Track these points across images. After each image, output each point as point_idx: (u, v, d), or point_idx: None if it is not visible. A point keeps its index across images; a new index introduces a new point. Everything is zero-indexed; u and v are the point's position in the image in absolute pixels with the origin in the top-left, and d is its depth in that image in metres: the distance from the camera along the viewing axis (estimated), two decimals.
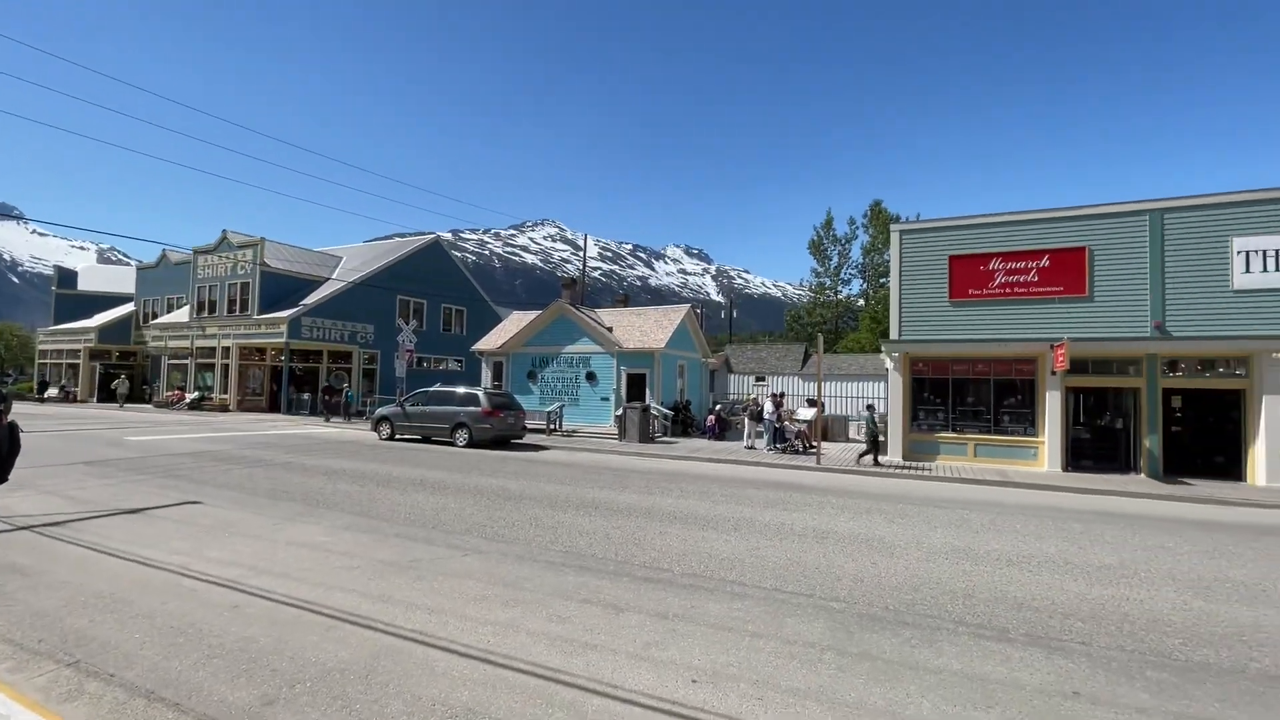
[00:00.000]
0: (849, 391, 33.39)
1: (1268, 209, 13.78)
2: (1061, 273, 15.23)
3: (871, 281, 51.62)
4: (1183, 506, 11.18)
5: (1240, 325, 13.74)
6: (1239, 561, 7.22)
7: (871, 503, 10.42)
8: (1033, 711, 3.66)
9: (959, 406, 16.43)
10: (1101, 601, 5.64)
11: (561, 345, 23.66)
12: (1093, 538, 8.23)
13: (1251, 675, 4.23)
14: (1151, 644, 4.71)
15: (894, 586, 5.93)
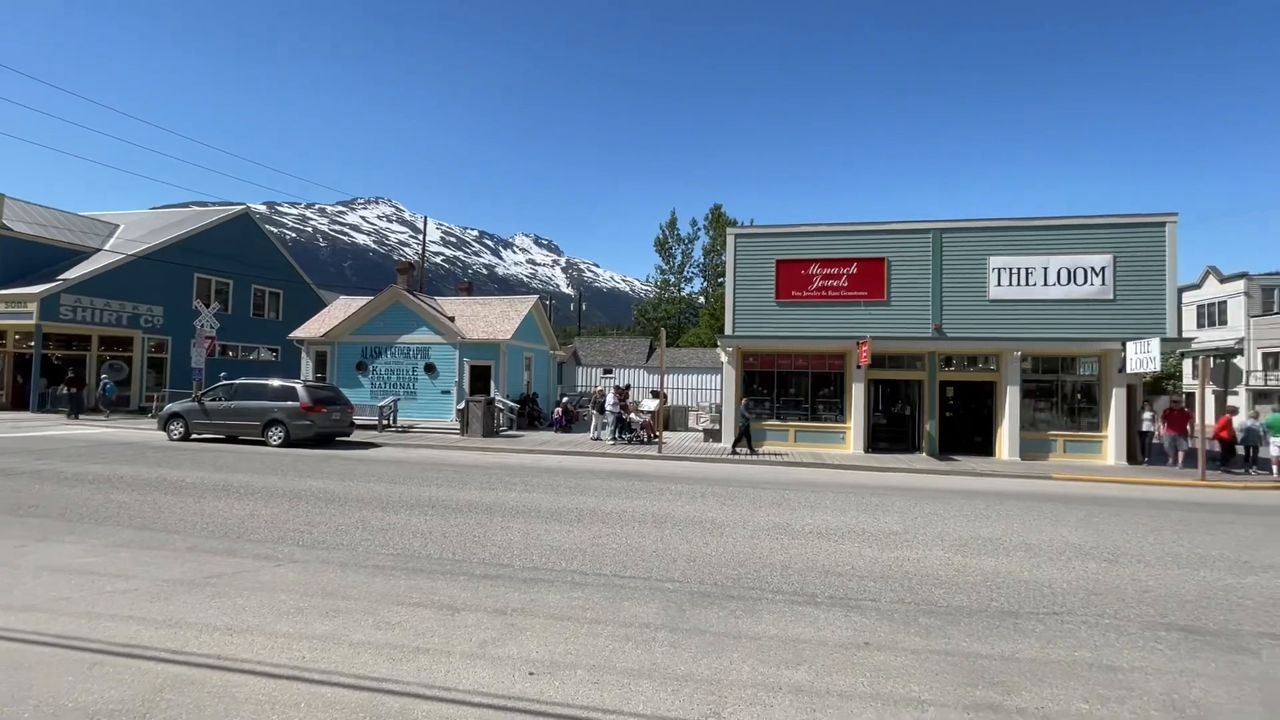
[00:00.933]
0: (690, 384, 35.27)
1: (1014, 234, 16.95)
2: (866, 280, 17.42)
3: (711, 280, 54.93)
4: (952, 479, 13.39)
5: (993, 328, 16.76)
6: (987, 522, 8.82)
7: (706, 487, 11.12)
8: (833, 664, 4.16)
9: (783, 397, 18.12)
10: (889, 563, 6.56)
11: (397, 334, 22.12)
12: (885, 509, 9.55)
13: (992, 613, 5.19)
14: (924, 595, 5.58)
15: (723, 564, 6.39)
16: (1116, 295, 16.35)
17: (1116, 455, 16.05)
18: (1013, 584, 5.97)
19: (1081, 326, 16.45)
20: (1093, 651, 4.46)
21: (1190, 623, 5.08)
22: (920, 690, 3.84)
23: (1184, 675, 4.14)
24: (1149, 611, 5.31)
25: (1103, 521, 9.08)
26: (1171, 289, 16.32)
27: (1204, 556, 7.20)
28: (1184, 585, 6.07)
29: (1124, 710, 3.66)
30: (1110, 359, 16.24)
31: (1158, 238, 16.33)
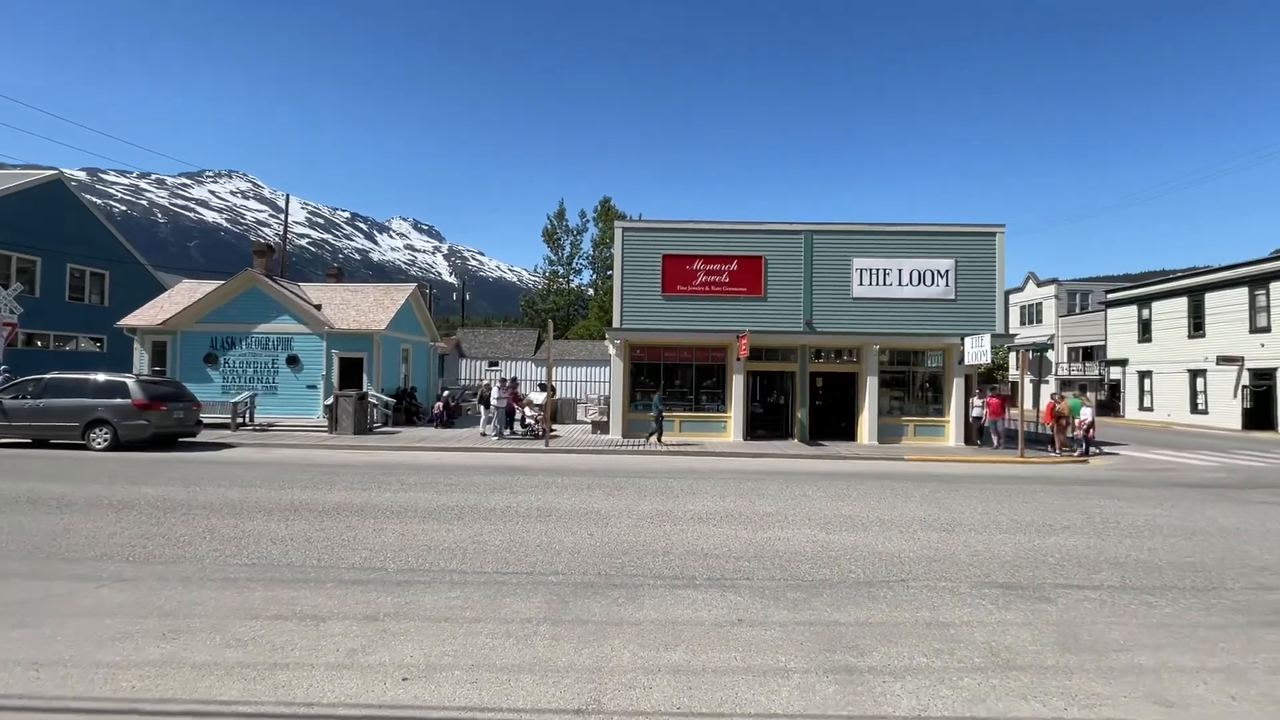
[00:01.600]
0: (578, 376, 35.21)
1: (874, 238, 18.56)
2: (746, 276, 18.30)
3: (600, 273, 55.09)
4: (820, 463, 14.48)
5: (856, 324, 18.29)
6: (848, 501, 9.64)
7: (593, 479, 11.18)
8: (709, 642, 4.36)
9: (669, 388, 18.62)
10: (762, 543, 6.98)
11: (254, 323, 20.07)
12: (760, 493, 10.14)
13: (850, 583, 5.69)
14: (792, 571, 6.00)
15: (607, 553, 6.46)
16: (958, 296, 18.46)
17: (956, 437, 18.18)
18: (868, 556, 6.58)
19: (929, 323, 18.40)
20: (931, 611, 5.03)
21: (1007, 580, 5.88)
22: (787, 660, 4.13)
23: (1001, 625, 4.78)
24: (976, 573, 6.08)
25: (943, 496, 10.24)
26: (1000, 291, 18.70)
27: (1019, 522, 8.36)
28: (1003, 548, 7.01)
29: (953, 660, 4.16)
30: (952, 352, 18.33)
31: (989, 246, 18.63)
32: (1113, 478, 12.99)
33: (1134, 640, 4.54)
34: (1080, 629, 4.73)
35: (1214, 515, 9.11)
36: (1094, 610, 5.13)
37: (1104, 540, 7.47)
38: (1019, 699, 3.68)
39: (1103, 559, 6.64)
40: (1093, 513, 9.10)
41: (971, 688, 3.80)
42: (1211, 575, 6.15)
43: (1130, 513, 9.18)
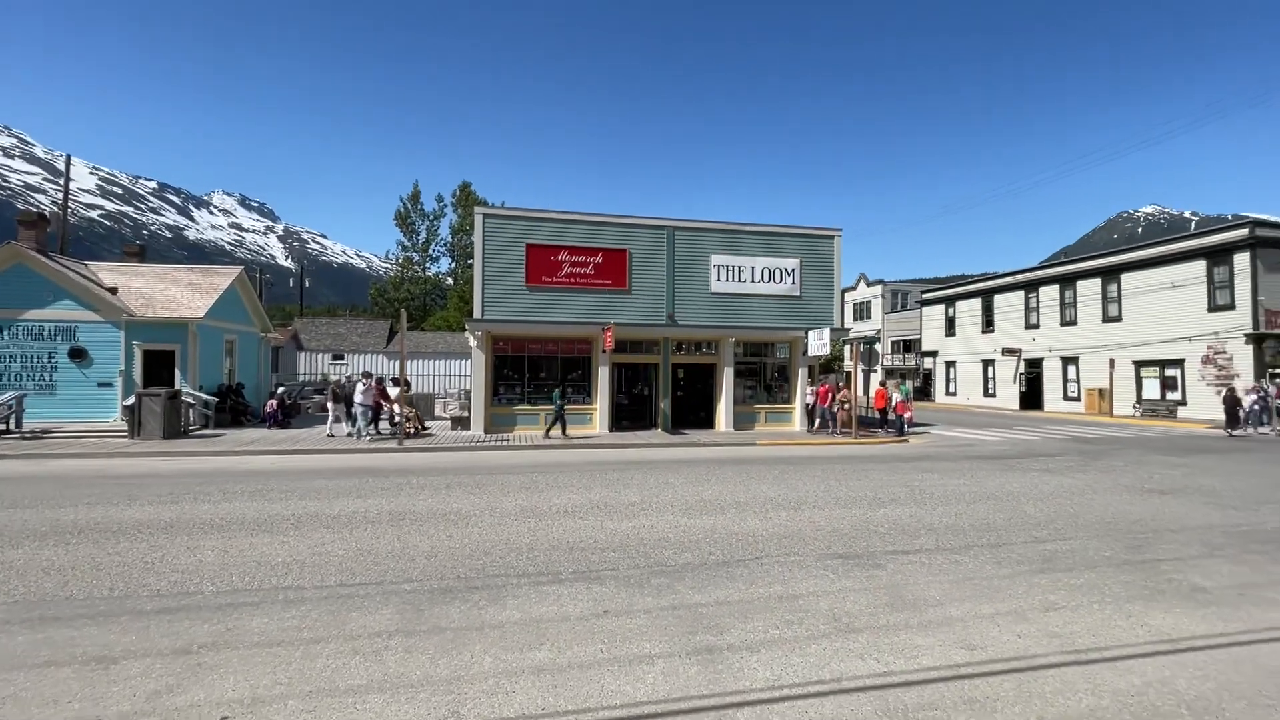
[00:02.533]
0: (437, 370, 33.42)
1: (730, 236, 19.56)
2: (611, 269, 18.42)
3: (460, 261, 52.62)
4: (681, 450, 15.00)
5: (715, 318, 19.18)
6: (708, 486, 10.07)
7: (453, 478, 10.62)
8: (574, 637, 4.28)
9: (534, 381, 18.25)
10: (627, 533, 7.04)
11: (21, 309, 16.57)
12: (625, 483, 10.26)
13: (711, 565, 5.91)
14: (657, 558, 6.11)
15: (468, 555, 6.14)
16: (802, 293, 20.06)
17: (801, 423, 19.79)
18: (727, 537, 6.90)
19: (779, 318, 19.80)
20: (783, 585, 5.38)
21: (846, 550, 6.46)
22: (651, 646, 4.17)
23: (841, 592, 5.23)
24: (820, 546, 6.61)
25: (791, 477, 11.07)
26: (838, 289, 20.62)
27: (855, 497, 9.26)
28: (842, 522, 7.71)
29: (802, 629, 4.47)
30: (797, 344, 19.89)
31: (829, 247, 20.46)
32: (927, 454, 14.90)
33: (947, 595, 5.19)
34: (905, 590, 5.31)
35: (1002, 482, 10.77)
36: (916, 572, 5.79)
37: (922, 509, 8.51)
38: (857, 659, 4.03)
39: (921, 526, 7.55)
40: (913, 485, 10.34)
41: (818, 654, 4.10)
42: (1001, 533, 7.23)
43: (941, 484, 10.56)
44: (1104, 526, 7.61)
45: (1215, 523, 7.85)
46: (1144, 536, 7.15)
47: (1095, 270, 30.23)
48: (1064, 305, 31.57)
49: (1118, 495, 9.63)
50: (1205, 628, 4.57)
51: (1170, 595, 5.23)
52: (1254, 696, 3.63)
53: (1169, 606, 4.98)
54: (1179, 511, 8.50)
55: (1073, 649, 4.20)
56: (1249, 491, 10.05)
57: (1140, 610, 4.89)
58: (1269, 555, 6.44)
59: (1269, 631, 4.52)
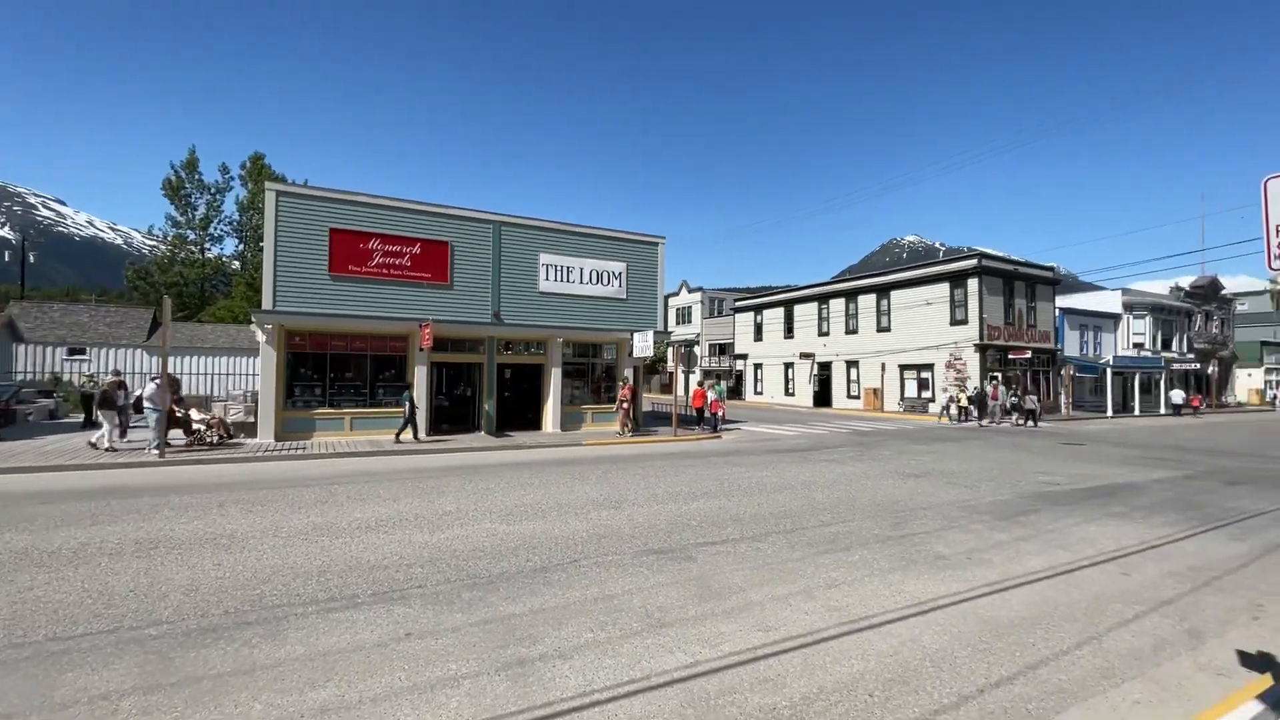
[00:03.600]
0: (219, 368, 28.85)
1: (559, 236, 19.47)
2: (430, 261, 17.28)
3: (251, 244, 45.87)
4: (506, 453, 14.54)
5: (543, 317, 18.94)
6: (530, 489, 9.84)
7: (229, 494, 9.12)
8: (368, 667, 3.83)
9: (338, 382, 16.45)
10: (439, 545, 6.57)
11: None
12: (441, 491, 9.63)
13: (528, 572, 5.72)
14: (470, 570, 5.77)
15: (239, 585, 5.26)
16: (629, 296, 20.64)
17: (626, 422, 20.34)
18: (546, 542, 6.75)
19: (606, 319, 20.15)
20: (599, 587, 5.37)
21: (661, 546, 6.68)
22: (458, 666, 3.89)
23: (655, 588, 5.37)
24: (637, 543, 6.76)
25: (614, 476, 11.26)
26: (661, 294, 21.57)
27: (671, 493, 9.67)
28: (659, 517, 7.98)
29: (616, 630, 4.48)
30: (624, 346, 20.41)
31: (653, 254, 21.32)
32: (737, 449, 16.16)
33: (749, 581, 5.58)
34: (713, 579, 5.61)
35: (797, 473, 12.02)
36: (723, 561, 6.16)
37: (730, 500, 9.14)
38: (667, 653, 4.14)
39: (728, 517, 8.09)
40: (723, 479, 11.10)
41: (630, 653, 4.13)
42: (795, 519, 8.02)
43: (748, 476, 11.48)
44: (875, 508, 8.81)
45: (953, 499, 9.51)
46: (903, 514, 8.41)
47: (871, 287, 35.35)
48: (848, 316, 36.46)
49: (885, 480, 11.26)
50: (944, 589, 5.45)
51: (920, 564, 6.18)
52: (975, 643, 4.38)
53: (919, 574, 5.87)
54: (928, 491, 10.16)
55: (848, 620, 4.73)
56: (975, 472, 12.37)
57: (899, 579, 5.70)
58: (987, 524, 7.93)
59: (985, 587, 5.53)
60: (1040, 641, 4.43)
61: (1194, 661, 4.21)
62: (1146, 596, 5.40)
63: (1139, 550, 6.84)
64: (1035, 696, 3.68)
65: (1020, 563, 6.28)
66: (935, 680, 3.84)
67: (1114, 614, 4.99)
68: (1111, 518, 8.44)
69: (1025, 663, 4.10)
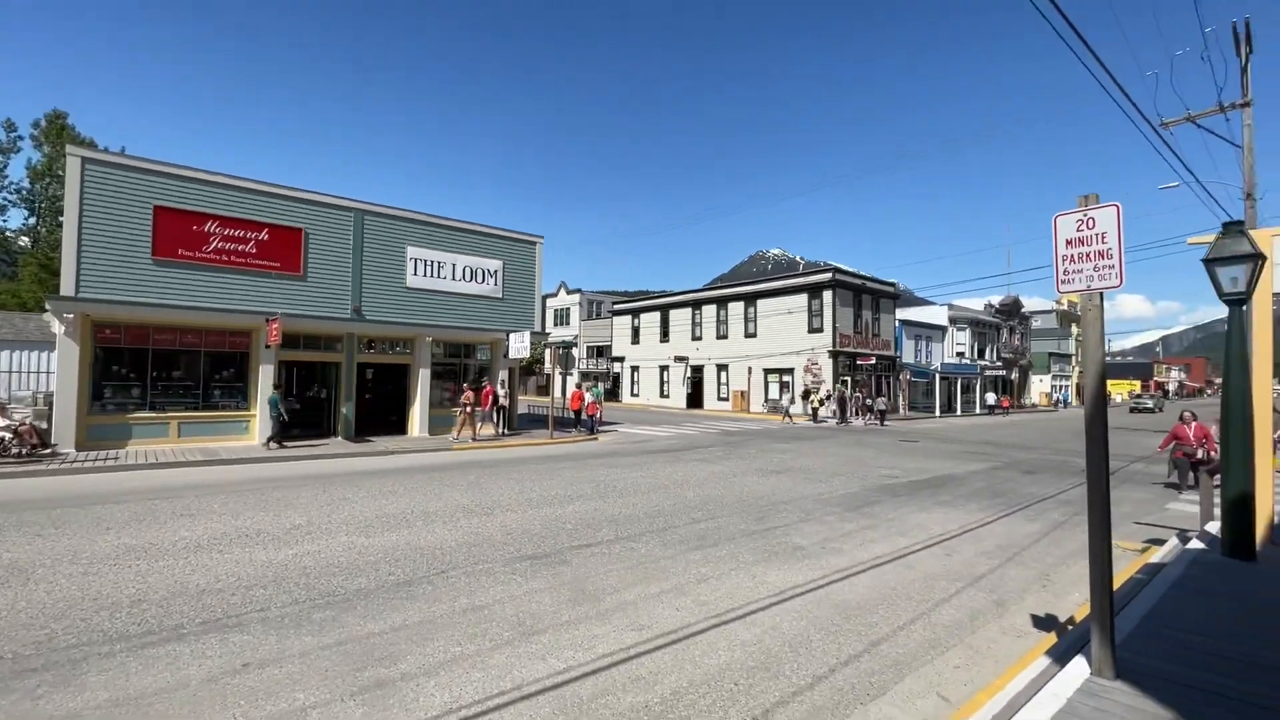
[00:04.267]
0: None
1: (429, 229, 18.50)
2: (280, 249, 15.65)
3: (47, 218, 38.74)
4: (366, 460, 13.50)
5: (410, 314, 17.87)
6: (394, 498, 9.21)
7: (14, 515, 7.59)
8: (194, 707, 3.35)
9: (163, 381, 14.37)
10: (285, 563, 5.93)
11: None
12: (289, 503, 8.72)
13: (389, 587, 5.33)
14: (323, 588, 5.26)
15: (24, 624, 4.39)
16: (505, 295, 20.08)
17: (502, 424, 19.76)
18: (410, 553, 6.34)
19: (480, 318, 19.43)
20: (469, 597, 5.14)
21: (535, 551, 6.53)
22: (306, 695, 3.52)
23: (528, 594, 5.23)
24: (510, 550, 6.56)
25: (487, 481, 10.87)
26: (539, 294, 21.23)
27: (546, 496, 9.52)
28: (533, 522, 7.82)
29: (485, 642, 4.30)
30: (499, 346, 19.81)
31: (531, 253, 20.94)
32: (613, 451, 16.30)
33: (623, 582, 5.62)
34: (587, 582, 5.58)
35: (670, 473, 12.36)
36: (598, 563, 6.16)
37: (605, 502, 9.18)
38: (539, 660, 4.04)
39: (604, 518, 8.12)
40: (599, 481, 11.13)
41: (501, 663, 3.98)
42: (668, 518, 8.22)
43: (623, 477, 11.60)
44: (740, 504, 9.28)
45: (809, 494, 10.28)
46: (766, 509, 8.93)
47: (740, 295, 37.38)
48: (719, 322, 38.26)
49: (750, 477, 11.91)
50: (802, 578, 5.86)
51: (781, 555, 6.59)
52: (828, 626, 4.74)
53: (780, 565, 6.26)
54: (788, 486, 10.89)
55: (716, 613, 4.92)
56: (828, 468, 13.47)
57: (762, 571, 6.03)
58: (838, 515, 8.66)
59: (836, 574, 6.01)
60: (882, 620, 4.90)
61: (1000, 627, 4.87)
62: (965, 574, 6.17)
63: (959, 534, 7.82)
64: (877, 670, 4.05)
65: (866, 549, 6.92)
66: (793, 664, 4.10)
67: (940, 591, 5.64)
68: (939, 506, 9.58)
69: (869, 640, 4.51)
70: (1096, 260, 3.40)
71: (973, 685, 3.90)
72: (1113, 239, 3.34)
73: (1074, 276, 3.50)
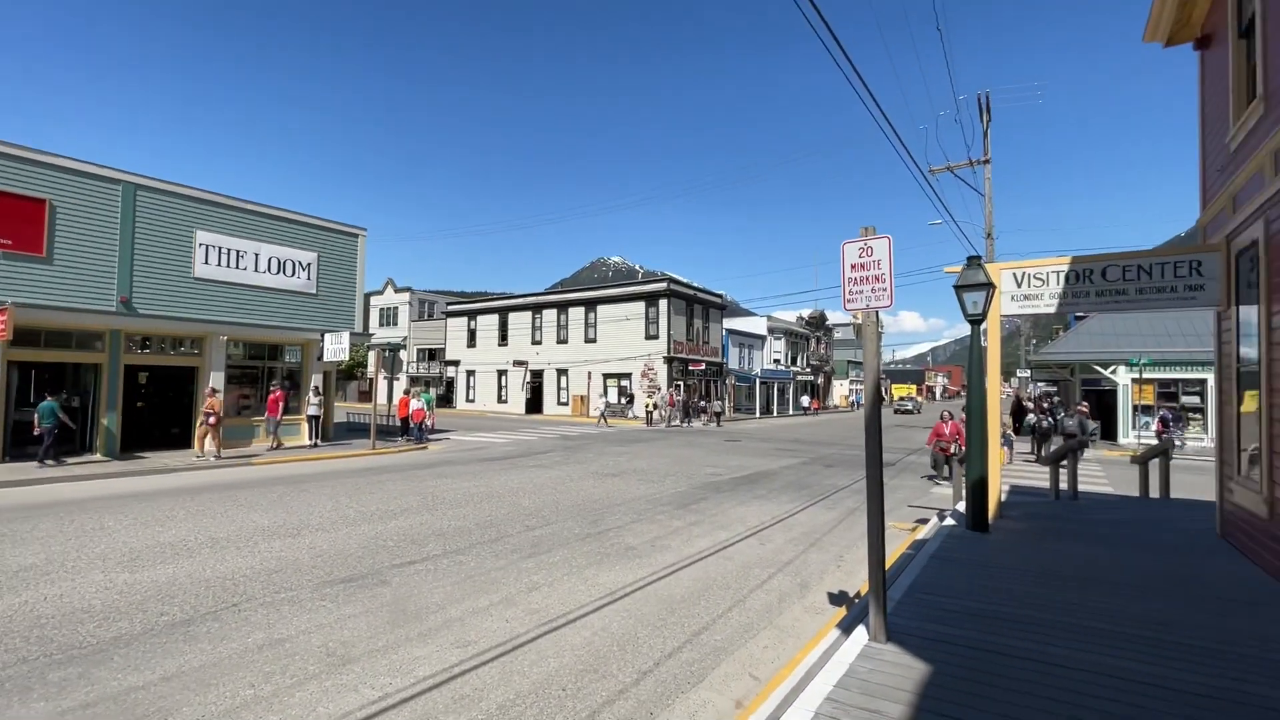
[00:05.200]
0: None
1: (225, 212, 16.15)
2: (15, 224, 12.63)
3: None
4: (136, 481, 11.36)
5: (199, 309, 15.43)
6: (172, 524, 7.86)
7: None
8: None
9: None
10: (11, 613, 4.77)
11: None
12: (17, 539, 7.03)
13: (160, 630, 4.52)
14: (64, 639, 4.32)
15: None
16: (319, 291, 18.15)
17: (317, 434, 17.79)
18: (192, 587, 5.45)
19: (290, 316, 17.35)
20: (266, 631, 4.54)
21: (350, 573, 5.97)
22: None
23: (340, 621, 4.76)
24: (320, 574, 5.93)
25: (293, 499, 9.72)
26: (360, 292, 19.52)
27: (365, 513, 8.76)
28: (350, 542, 7.14)
29: (287, 678, 3.83)
30: (312, 348, 17.85)
31: (352, 246, 19.19)
32: (445, 459, 15.49)
33: (449, 597, 5.35)
34: (409, 602, 5.23)
35: (506, 480, 12.05)
36: (422, 581, 5.79)
37: (433, 515, 8.69)
38: (350, 692, 3.69)
39: (431, 532, 7.68)
40: (427, 493, 10.50)
41: (304, 701, 3.57)
42: (501, 528, 8.01)
43: (454, 487, 11.08)
44: (576, 508, 9.34)
45: (642, 494, 10.65)
46: (601, 512, 9.09)
47: (581, 301, 37.74)
48: (560, 327, 38.25)
49: (587, 481, 12.04)
50: (632, 576, 6.04)
51: (614, 556, 6.74)
52: (655, 622, 4.94)
53: (612, 566, 6.40)
54: (622, 488, 11.19)
55: (547, 620, 4.89)
56: (660, 469, 14.09)
57: (594, 574, 6.12)
58: (668, 514, 9.08)
59: (664, 570, 6.30)
60: (703, 611, 5.22)
61: (803, 606, 5.45)
62: (776, 560, 6.81)
63: (773, 524, 8.61)
64: (698, 659, 4.31)
65: (692, 544, 7.33)
66: (621, 662, 4.20)
67: (754, 578, 6.16)
68: (756, 499, 10.47)
69: (692, 631, 4.78)
70: (874, 283, 3.97)
71: (778, 662, 4.31)
72: (886, 265, 3.93)
73: (857, 296, 4.06)
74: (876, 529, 4.10)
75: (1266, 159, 5.47)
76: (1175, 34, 7.80)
